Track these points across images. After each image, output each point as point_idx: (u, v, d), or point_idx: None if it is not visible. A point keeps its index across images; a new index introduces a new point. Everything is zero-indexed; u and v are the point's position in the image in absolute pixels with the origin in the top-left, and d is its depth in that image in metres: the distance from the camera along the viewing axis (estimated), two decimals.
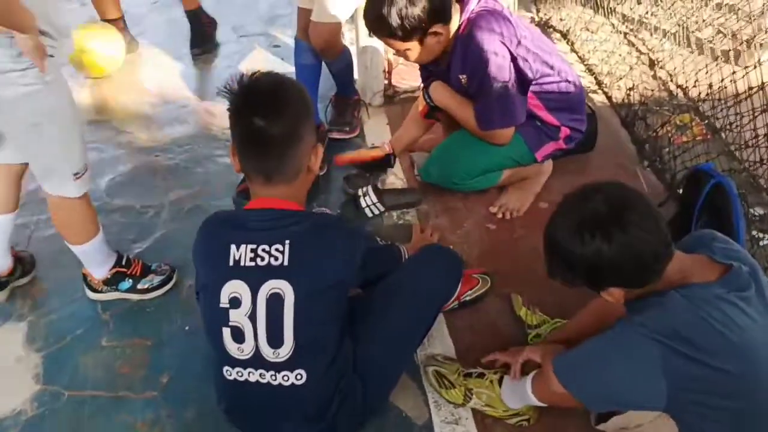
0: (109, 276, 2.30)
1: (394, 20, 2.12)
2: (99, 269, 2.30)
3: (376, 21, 2.15)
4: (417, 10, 2.11)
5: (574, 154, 2.80)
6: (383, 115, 3.20)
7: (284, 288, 1.58)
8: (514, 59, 2.26)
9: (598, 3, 3.81)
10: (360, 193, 2.57)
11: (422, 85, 2.59)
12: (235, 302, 1.60)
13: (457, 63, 2.30)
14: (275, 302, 1.58)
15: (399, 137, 2.72)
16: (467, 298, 2.19)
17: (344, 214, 2.58)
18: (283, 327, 1.58)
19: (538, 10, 3.99)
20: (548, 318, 2.07)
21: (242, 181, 2.64)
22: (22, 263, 2.43)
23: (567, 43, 3.65)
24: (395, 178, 2.80)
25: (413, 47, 2.21)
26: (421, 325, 1.83)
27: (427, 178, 2.61)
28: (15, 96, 1.78)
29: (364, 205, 2.54)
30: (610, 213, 1.36)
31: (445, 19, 2.19)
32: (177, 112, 3.31)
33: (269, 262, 1.58)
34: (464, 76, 2.31)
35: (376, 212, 2.56)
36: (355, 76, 3.08)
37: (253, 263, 1.59)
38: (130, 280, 2.32)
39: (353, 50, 3.01)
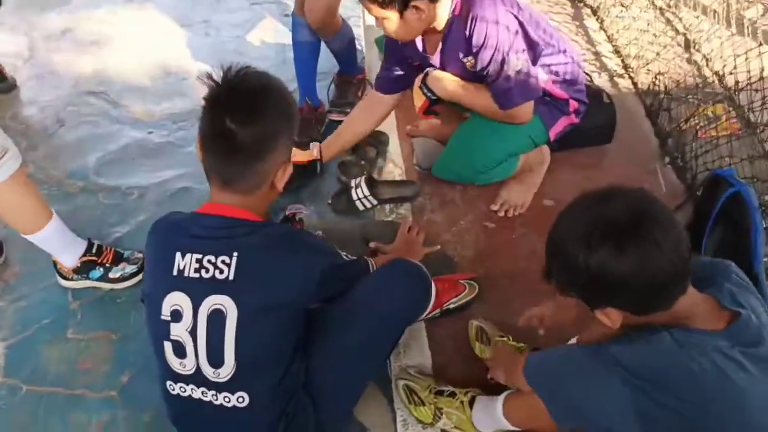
0: (79, 264, 2.20)
1: None
2: (67, 257, 2.20)
3: None
4: None
5: (589, 146, 2.59)
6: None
7: (227, 305, 1.44)
8: (524, 30, 2.06)
9: None
10: (352, 184, 2.40)
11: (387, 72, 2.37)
12: (177, 315, 1.48)
13: (458, 45, 2.09)
14: (217, 319, 1.44)
15: (331, 143, 2.46)
16: (451, 306, 2.03)
17: (335, 207, 2.42)
18: (224, 347, 1.45)
19: None
20: (510, 341, 1.88)
21: None
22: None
23: (597, 19, 3.37)
24: (393, 166, 2.62)
25: (391, 18, 1.99)
26: (379, 345, 1.67)
27: (445, 175, 2.43)
28: None
29: (355, 197, 2.38)
30: (628, 221, 1.17)
31: None
32: (177, 85, 3.17)
33: (214, 274, 1.44)
34: (469, 58, 2.10)
35: (368, 206, 2.40)
36: (363, 53, 2.90)
37: (197, 275, 1.45)
38: (101, 269, 2.22)
39: (360, 27, 2.82)
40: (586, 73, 2.92)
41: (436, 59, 2.17)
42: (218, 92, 1.46)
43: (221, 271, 1.44)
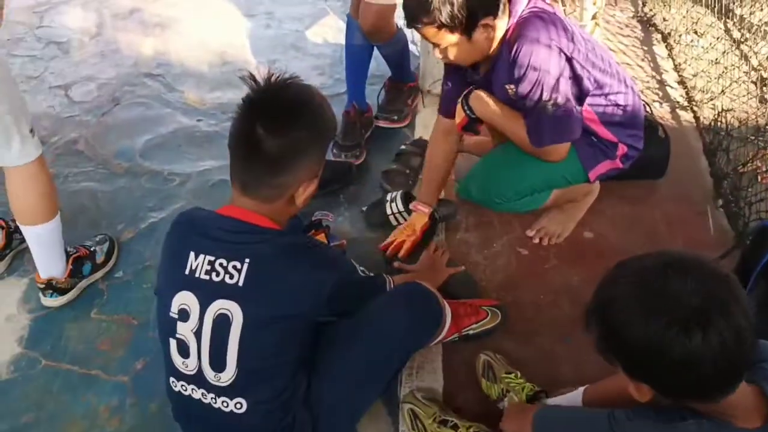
0: (71, 267, 2.17)
1: (444, 6, 1.80)
2: (60, 262, 2.15)
3: (419, 6, 1.84)
4: None
5: (639, 179, 2.48)
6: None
7: (233, 311, 1.43)
8: (571, 66, 1.96)
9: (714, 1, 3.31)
10: (388, 198, 2.36)
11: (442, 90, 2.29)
12: (184, 315, 1.48)
13: (504, 71, 2.00)
14: (222, 324, 1.44)
15: (429, 189, 2.29)
16: (470, 332, 1.97)
17: (368, 218, 2.38)
18: (227, 352, 1.45)
19: (644, 4, 3.57)
20: (516, 379, 1.81)
21: None
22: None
23: (666, 46, 3.24)
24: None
25: (459, 42, 1.91)
26: (382, 368, 1.63)
27: (465, 196, 2.33)
28: None
29: (389, 211, 2.34)
30: (698, 306, 1.06)
31: (495, 10, 1.89)
32: (232, 75, 3.19)
33: (224, 278, 1.44)
34: (512, 86, 2.01)
35: (402, 221, 2.34)
36: (419, 59, 2.87)
37: (207, 276, 1.45)
38: (88, 261, 2.23)
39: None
40: (646, 102, 2.81)
41: (484, 80, 2.11)
42: (257, 96, 1.45)
43: (231, 276, 1.43)
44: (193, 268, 1.47)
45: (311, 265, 1.48)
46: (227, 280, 1.43)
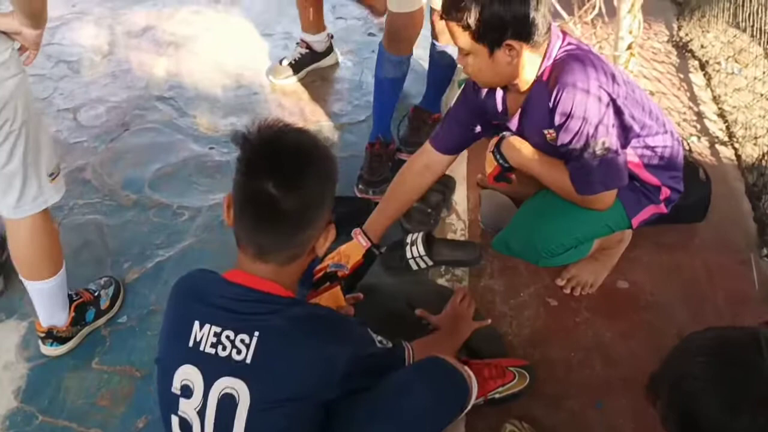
0: (74, 314, 2.04)
1: (475, 6, 1.69)
2: (63, 311, 2.01)
3: (456, 2, 1.73)
4: (505, 7, 1.69)
5: (677, 223, 2.32)
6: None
7: (240, 390, 1.31)
8: (616, 107, 1.81)
9: (761, 28, 3.09)
10: (408, 240, 2.21)
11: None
12: (187, 391, 1.35)
13: (540, 115, 1.85)
14: (227, 404, 1.32)
15: (379, 219, 2.15)
16: (496, 396, 1.83)
17: (386, 262, 2.24)
18: None
19: (679, 28, 3.40)
20: None
21: None
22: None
23: (704, 75, 3.07)
24: (456, 218, 2.43)
25: (479, 54, 1.77)
26: None
27: (503, 251, 2.17)
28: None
29: (409, 255, 2.19)
30: None
31: (530, 40, 1.75)
32: (246, 99, 3.06)
33: (230, 353, 1.32)
34: (551, 131, 1.86)
35: (422, 266, 2.20)
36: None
37: (213, 350, 1.33)
38: (92, 307, 2.09)
39: None
40: (683, 137, 2.65)
41: (514, 123, 1.96)
42: (256, 151, 1.33)
43: (239, 351, 1.31)
44: (198, 339, 1.34)
45: (326, 341, 1.35)
46: (234, 355, 1.31)
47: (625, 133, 1.85)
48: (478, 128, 2.09)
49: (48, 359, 2.04)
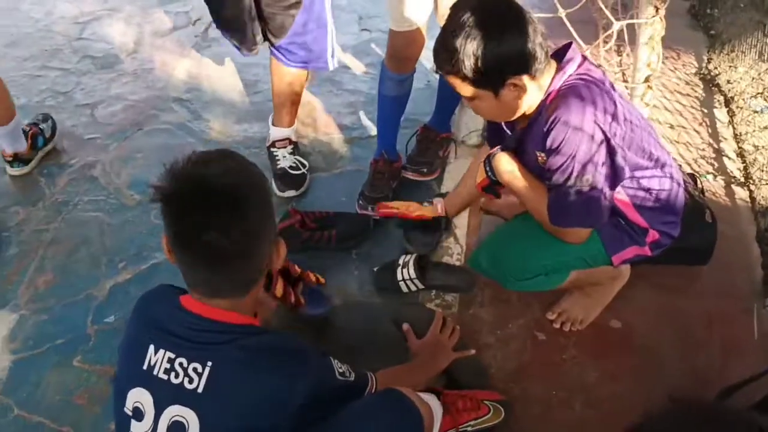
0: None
1: (468, 57, 1.64)
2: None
3: (446, 54, 1.68)
4: (496, 51, 1.63)
5: (679, 264, 2.25)
6: (473, 159, 2.77)
7: (190, 420, 1.28)
8: (609, 147, 1.76)
9: None
10: (401, 261, 2.20)
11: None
12: (138, 414, 1.33)
13: (538, 136, 1.80)
14: None
15: (453, 198, 2.29)
16: (468, 428, 1.79)
17: (377, 282, 2.22)
18: None
19: (709, 61, 3.31)
20: None
21: (283, 219, 2.35)
22: (42, 133, 2.81)
23: (728, 112, 2.98)
24: (454, 241, 2.39)
25: (485, 98, 1.74)
26: None
27: (476, 267, 2.12)
28: None
29: (400, 277, 2.17)
30: None
31: (530, 71, 1.70)
32: (261, 107, 3.06)
33: (183, 381, 1.29)
34: (542, 154, 1.82)
35: (413, 289, 2.18)
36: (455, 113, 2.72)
37: (166, 376, 1.30)
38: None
39: None
40: (698, 174, 2.58)
41: (513, 140, 1.93)
42: (182, 193, 1.25)
43: (191, 380, 1.28)
44: (152, 363, 1.32)
45: (279, 373, 1.30)
46: (186, 384, 1.28)
47: (616, 173, 1.78)
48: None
49: (31, 353, 2.07)
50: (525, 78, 1.70)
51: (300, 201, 2.58)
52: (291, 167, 2.64)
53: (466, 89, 1.73)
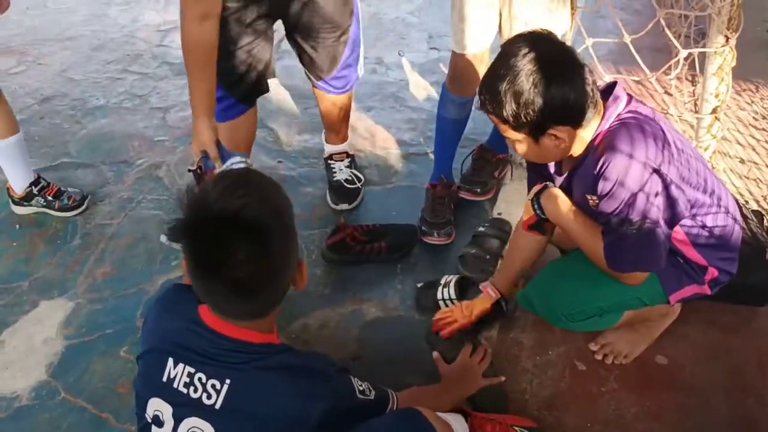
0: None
1: (509, 103, 1.62)
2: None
3: (489, 95, 1.67)
4: (540, 102, 1.60)
5: (735, 303, 2.16)
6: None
7: (207, 431, 1.32)
8: (665, 187, 1.70)
9: None
10: (443, 281, 2.19)
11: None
12: (158, 421, 1.37)
13: (587, 179, 1.76)
14: None
15: (505, 273, 2.12)
16: None
17: (418, 301, 2.22)
18: None
19: None
20: None
21: (333, 233, 2.39)
22: (58, 198, 2.63)
23: None
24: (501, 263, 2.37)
25: (525, 141, 1.72)
26: None
27: (526, 306, 2.08)
28: None
29: (440, 297, 2.16)
30: None
31: (574, 123, 1.68)
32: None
33: (201, 396, 1.32)
34: (594, 197, 1.77)
35: None
36: None
37: (185, 389, 1.33)
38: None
39: None
40: (761, 213, 2.46)
41: (560, 180, 1.89)
42: (200, 226, 1.25)
43: (209, 396, 1.31)
44: (171, 376, 1.35)
45: (297, 393, 1.31)
46: (204, 399, 1.31)
47: (673, 213, 1.72)
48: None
49: (82, 340, 2.16)
50: (568, 129, 1.67)
51: (351, 214, 2.61)
52: (347, 180, 2.68)
53: (505, 130, 1.72)
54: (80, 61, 3.62)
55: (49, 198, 2.61)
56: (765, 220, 2.42)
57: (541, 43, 1.63)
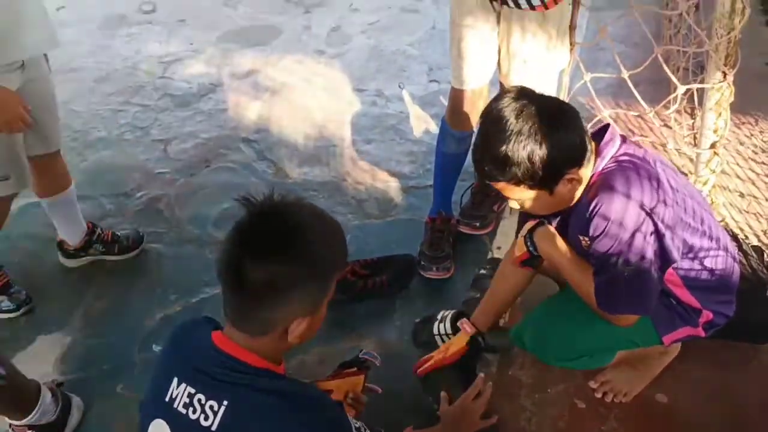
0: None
1: (522, 163, 1.61)
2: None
3: (494, 164, 1.65)
4: (551, 152, 1.60)
5: (735, 340, 2.14)
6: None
7: None
8: (656, 230, 1.68)
9: None
10: (439, 316, 2.18)
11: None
12: None
13: (580, 220, 1.75)
14: None
15: (486, 307, 2.07)
16: None
17: (415, 336, 2.21)
18: None
19: None
20: None
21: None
22: (116, 242, 2.58)
23: None
24: None
25: (539, 197, 1.71)
26: None
27: (519, 345, 2.06)
28: None
29: (436, 332, 2.15)
30: None
31: (582, 162, 1.69)
32: (323, 151, 3.16)
33: (199, 418, 1.31)
34: (586, 238, 1.76)
35: None
36: None
37: (185, 410, 1.33)
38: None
39: None
40: (761, 249, 2.46)
41: (555, 221, 1.89)
42: (248, 220, 1.32)
43: (206, 417, 1.30)
44: (173, 396, 1.35)
45: (293, 420, 1.30)
46: (202, 420, 1.30)
47: (665, 256, 1.71)
48: None
49: (78, 377, 2.16)
50: (579, 169, 1.68)
51: (350, 247, 2.59)
52: None
53: (520, 193, 1.70)
54: (83, 93, 3.65)
55: (108, 244, 2.56)
56: (765, 256, 2.41)
57: (527, 99, 1.64)
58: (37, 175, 2.30)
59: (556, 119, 1.62)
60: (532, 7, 2.12)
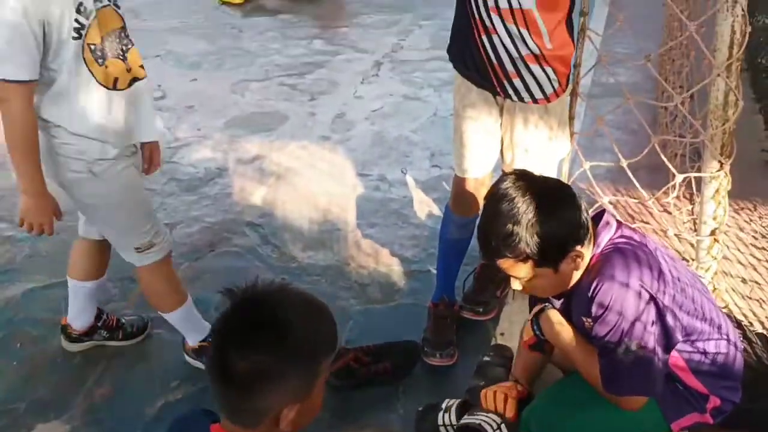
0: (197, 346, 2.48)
1: (531, 237, 1.63)
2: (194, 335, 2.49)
3: (500, 242, 1.67)
4: (557, 226, 1.65)
5: (743, 429, 2.10)
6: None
7: None
8: (658, 309, 1.70)
9: None
10: (444, 405, 2.14)
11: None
12: None
13: (582, 302, 1.77)
14: None
15: (522, 371, 2.10)
16: None
17: (419, 424, 2.16)
18: None
19: None
20: None
21: (336, 358, 2.37)
22: (120, 328, 2.59)
23: None
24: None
25: (544, 275, 1.72)
26: None
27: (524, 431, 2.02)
28: (68, 179, 2.10)
29: (440, 422, 2.10)
30: None
31: (584, 240, 1.71)
32: (327, 236, 3.19)
33: None
34: (589, 320, 1.77)
35: None
36: None
37: None
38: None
39: None
40: (766, 336, 2.45)
41: (558, 303, 1.90)
42: (228, 311, 1.29)
43: None
44: None
45: None
46: None
47: (668, 336, 1.72)
48: None
49: None
50: (583, 247, 1.71)
51: (353, 333, 2.60)
52: None
53: (524, 270, 1.71)
54: None
55: (112, 329, 2.57)
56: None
57: (529, 180, 1.70)
58: (88, 256, 2.45)
59: (558, 198, 1.68)
60: (535, 101, 2.19)
